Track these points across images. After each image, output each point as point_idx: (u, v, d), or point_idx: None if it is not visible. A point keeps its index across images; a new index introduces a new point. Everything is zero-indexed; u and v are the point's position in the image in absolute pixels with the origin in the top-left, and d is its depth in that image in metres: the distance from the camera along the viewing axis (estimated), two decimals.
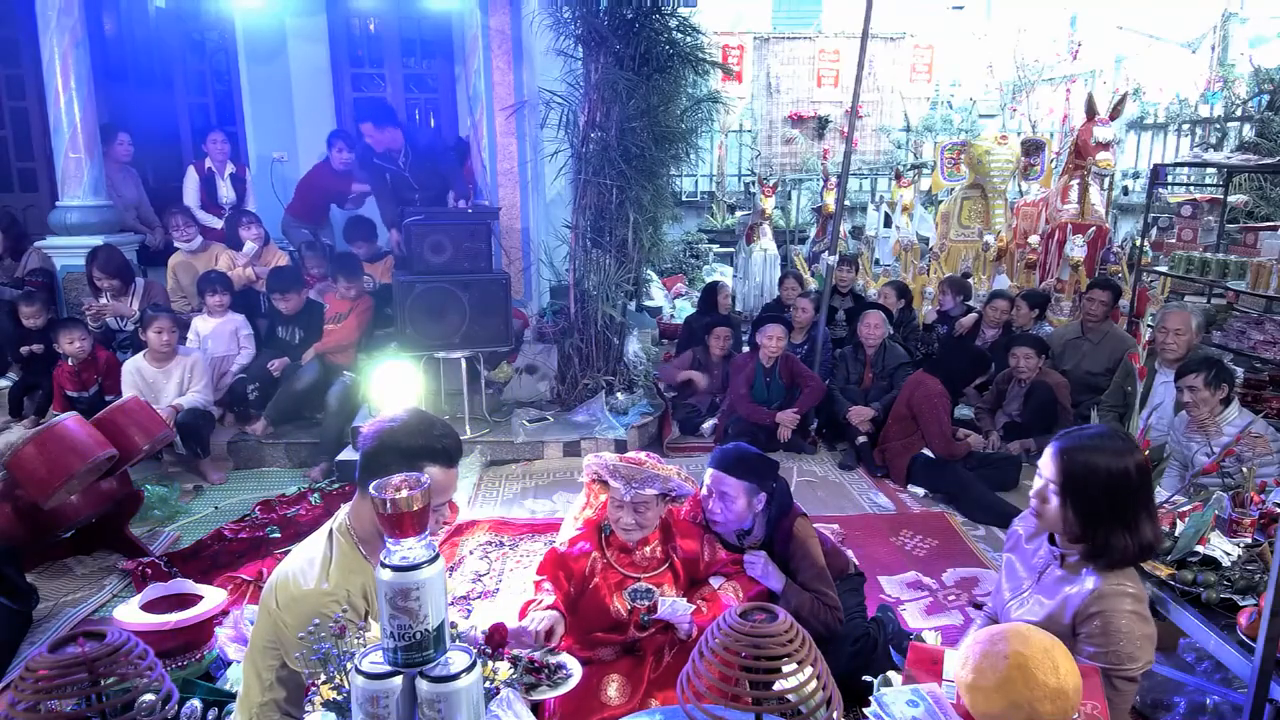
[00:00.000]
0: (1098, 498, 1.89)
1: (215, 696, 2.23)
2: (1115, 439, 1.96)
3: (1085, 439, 1.95)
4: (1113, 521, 1.89)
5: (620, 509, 2.44)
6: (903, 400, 4.84)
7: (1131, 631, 1.83)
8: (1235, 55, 10.48)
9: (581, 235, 5.41)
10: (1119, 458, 1.90)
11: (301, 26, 7.67)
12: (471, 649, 1.37)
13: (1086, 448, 1.92)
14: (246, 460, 5.06)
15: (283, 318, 5.45)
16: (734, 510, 2.57)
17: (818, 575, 2.62)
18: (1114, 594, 1.86)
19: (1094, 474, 1.90)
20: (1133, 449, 1.95)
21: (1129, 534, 1.88)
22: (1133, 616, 1.84)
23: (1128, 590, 1.88)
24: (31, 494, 3.32)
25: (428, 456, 1.82)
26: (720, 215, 12.19)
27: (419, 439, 1.83)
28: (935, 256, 8.49)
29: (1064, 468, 1.93)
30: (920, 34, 11.92)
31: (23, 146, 7.61)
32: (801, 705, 1.20)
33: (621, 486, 2.40)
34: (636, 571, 2.49)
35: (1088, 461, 1.91)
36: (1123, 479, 1.89)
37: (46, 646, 1.24)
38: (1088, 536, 1.92)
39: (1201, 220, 7.62)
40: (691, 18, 5.61)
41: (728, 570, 2.59)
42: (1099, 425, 2.00)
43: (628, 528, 2.45)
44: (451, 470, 1.92)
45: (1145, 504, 1.93)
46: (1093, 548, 1.91)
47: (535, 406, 5.58)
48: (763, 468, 2.64)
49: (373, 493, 1.29)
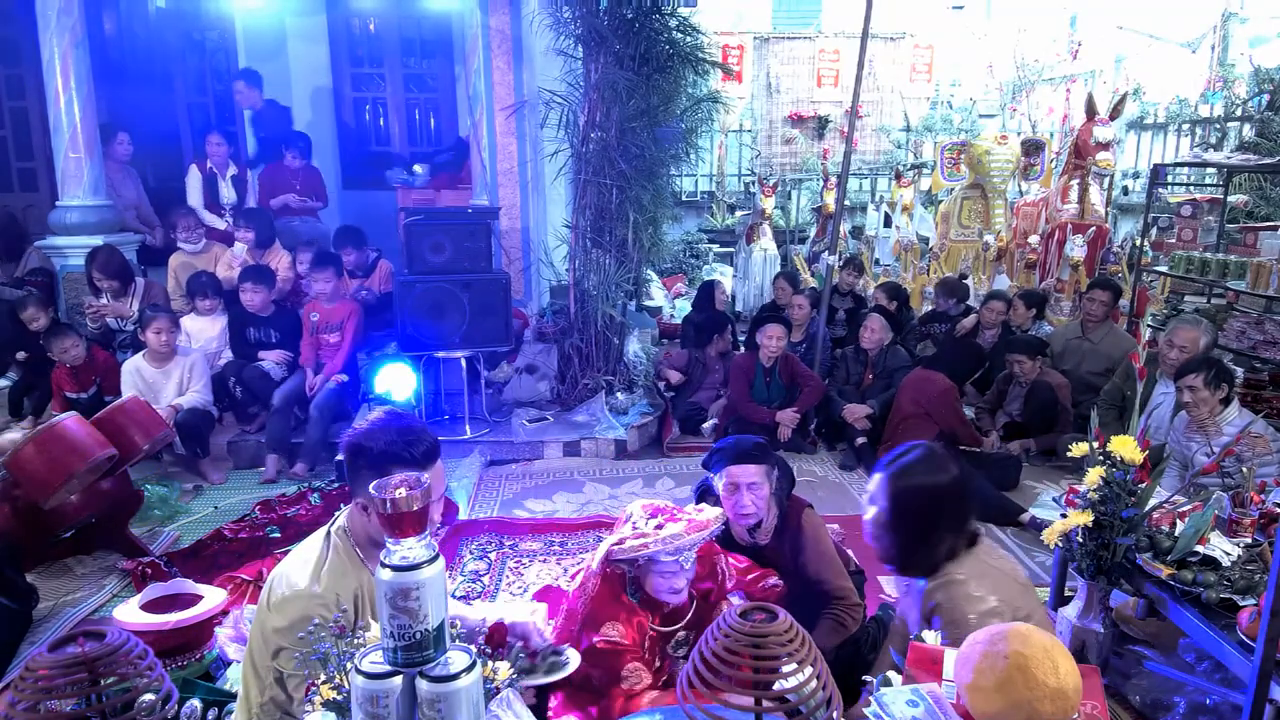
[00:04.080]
0: (897, 511, 2.03)
1: (215, 696, 2.23)
2: (919, 457, 2.06)
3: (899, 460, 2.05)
4: (902, 533, 2.02)
5: (674, 576, 2.24)
6: (907, 399, 4.84)
7: (969, 613, 1.87)
8: (1235, 55, 10.47)
9: (581, 235, 5.41)
10: (920, 474, 2.02)
11: (301, 26, 7.68)
12: (471, 649, 1.37)
13: (903, 465, 2.04)
14: (246, 460, 5.05)
15: (254, 319, 5.26)
16: (762, 496, 2.57)
17: (830, 565, 2.63)
18: (942, 584, 1.95)
19: (915, 498, 2.00)
20: (933, 465, 2.04)
21: (926, 548, 2.00)
22: (967, 599, 1.90)
23: (955, 577, 1.95)
24: (31, 494, 3.32)
25: (396, 462, 1.78)
26: (720, 215, 12.18)
27: (385, 444, 1.81)
28: (935, 256, 8.49)
29: (892, 496, 2.03)
30: (920, 34, 11.90)
31: (23, 146, 7.61)
32: (801, 705, 1.20)
33: (682, 559, 2.22)
34: (671, 626, 2.35)
35: (908, 488, 2.01)
36: (933, 496, 2.01)
37: (46, 646, 1.24)
38: (889, 558, 2.07)
39: (1201, 220, 7.62)
40: (691, 18, 5.62)
41: (750, 589, 2.50)
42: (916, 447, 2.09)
43: (680, 589, 2.28)
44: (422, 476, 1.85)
45: (929, 514, 2.01)
46: (898, 567, 2.07)
47: (535, 406, 5.58)
48: (767, 449, 2.67)
49: (372, 493, 1.29)
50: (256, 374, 5.06)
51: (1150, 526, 2.68)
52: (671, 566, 2.20)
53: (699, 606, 2.37)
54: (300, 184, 6.73)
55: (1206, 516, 2.58)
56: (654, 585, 2.25)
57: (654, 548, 2.17)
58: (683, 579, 2.24)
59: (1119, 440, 2.66)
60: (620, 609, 2.26)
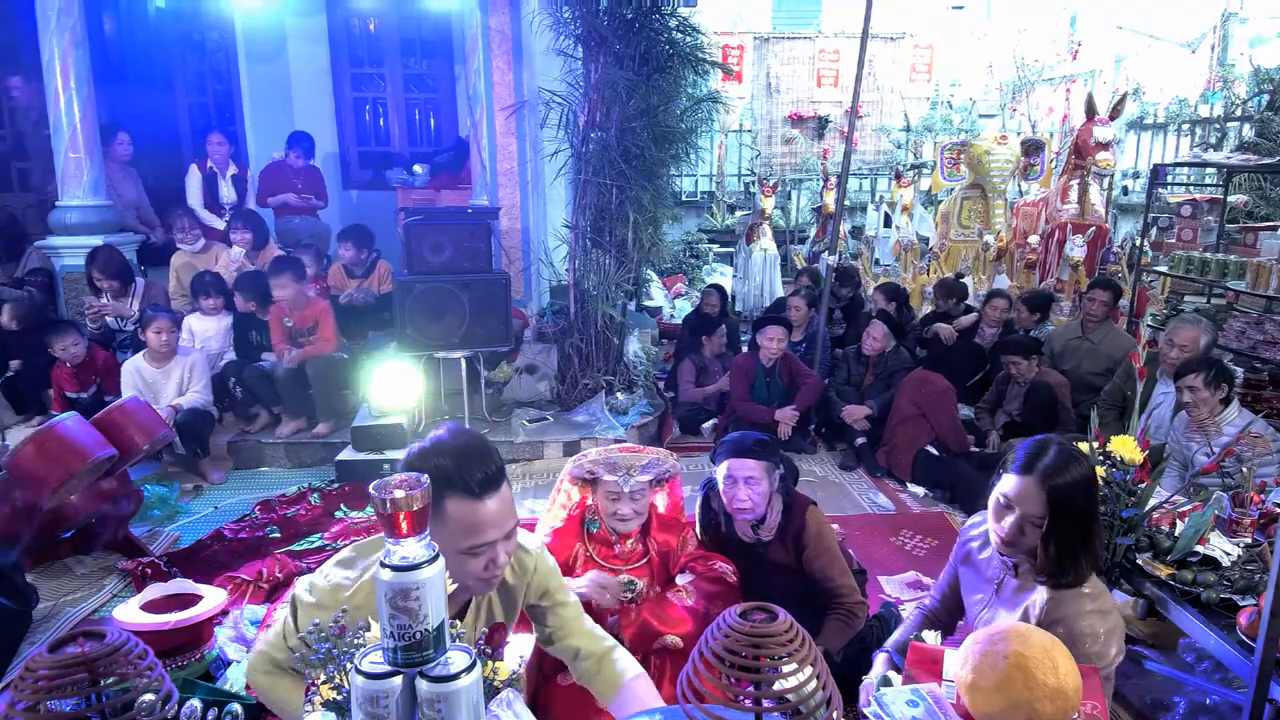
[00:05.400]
0: (1079, 520, 1.86)
1: (215, 696, 2.23)
2: (1068, 449, 1.92)
3: (1056, 462, 1.88)
4: (1079, 543, 1.86)
5: (618, 500, 2.47)
6: (906, 399, 4.86)
7: (1095, 632, 1.82)
8: (1235, 55, 10.48)
9: (581, 235, 5.41)
10: (1083, 464, 1.89)
11: (301, 26, 7.68)
12: (471, 649, 1.37)
13: (1061, 469, 1.87)
14: (246, 460, 5.06)
15: (258, 322, 5.26)
16: (760, 491, 2.58)
17: (834, 563, 2.64)
18: (1071, 598, 1.86)
19: (1074, 494, 1.86)
20: (1083, 454, 1.94)
21: (1090, 552, 1.88)
22: (1094, 616, 1.83)
23: (1083, 592, 1.87)
24: (31, 494, 3.32)
25: (450, 488, 1.56)
26: (720, 215, 12.19)
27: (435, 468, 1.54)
28: (935, 256, 8.49)
29: (1050, 499, 1.86)
30: (920, 34, 11.92)
31: (23, 146, 7.61)
32: (801, 705, 1.20)
33: (619, 478, 2.44)
34: (618, 564, 2.53)
35: (1068, 485, 1.86)
36: (1094, 486, 1.90)
37: (46, 646, 1.24)
38: (1063, 569, 1.87)
39: (1201, 220, 7.63)
40: (691, 18, 5.62)
41: (695, 567, 2.62)
42: (1049, 441, 1.94)
43: (626, 518, 2.49)
44: (479, 504, 1.59)
45: (1097, 512, 1.94)
46: (1060, 578, 1.88)
47: (535, 406, 5.58)
48: (771, 446, 2.68)
49: (372, 492, 1.28)
50: (256, 374, 5.06)
51: (1150, 526, 2.68)
52: (613, 487, 2.45)
53: (653, 561, 2.59)
54: (301, 183, 6.74)
55: (1206, 516, 2.58)
56: (602, 507, 2.52)
57: (595, 459, 2.49)
58: (626, 506, 2.46)
59: (1119, 440, 2.66)
60: (576, 527, 2.59)
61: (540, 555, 1.95)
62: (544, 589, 1.94)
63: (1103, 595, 1.89)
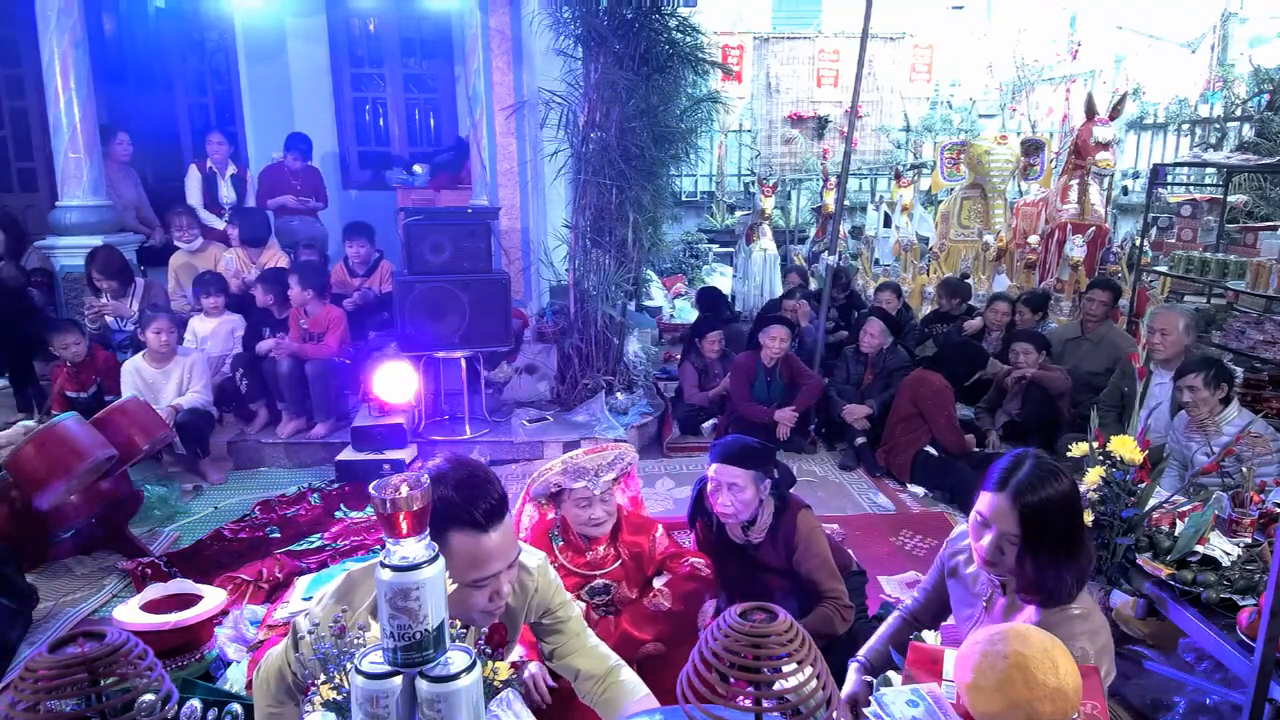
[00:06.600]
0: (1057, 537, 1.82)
1: (215, 696, 2.23)
2: (1045, 465, 1.87)
3: (1031, 479, 1.83)
4: (1058, 561, 1.82)
5: (590, 506, 2.44)
6: (906, 398, 4.85)
7: (1086, 654, 1.79)
8: (1235, 55, 10.48)
9: (581, 235, 5.41)
10: (1060, 480, 1.84)
11: (301, 26, 7.68)
12: (471, 649, 1.37)
13: (1035, 486, 1.82)
14: (246, 460, 5.06)
15: (272, 321, 5.30)
16: (743, 499, 2.57)
17: (823, 566, 2.63)
18: (1062, 620, 1.83)
19: (1050, 511, 1.81)
20: (1062, 468, 1.89)
21: (1074, 568, 1.84)
22: (1084, 638, 1.80)
23: (1073, 613, 1.84)
24: (31, 494, 3.32)
25: (454, 523, 1.53)
26: (720, 215, 12.19)
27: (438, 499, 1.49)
28: (935, 256, 8.49)
29: (1024, 517, 1.81)
30: (920, 34, 11.91)
31: (23, 146, 7.61)
32: (801, 705, 1.20)
33: (589, 482, 2.40)
34: (591, 570, 2.52)
35: (1042, 503, 1.81)
36: (1074, 502, 1.85)
37: (46, 646, 1.24)
38: (1042, 585, 1.84)
39: (1201, 220, 7.62)
40: (691, 17, 5.62)
41: (671, 567, 2.62)
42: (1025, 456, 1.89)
43: (599, 521, 2.46)
44: (484, 536, 1.55)
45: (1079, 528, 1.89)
46: (1044, 596, 1.84)
47: (535, 406, 5.58)
48: (764, 454, 2.65)
49: (372, 492, 1.28)
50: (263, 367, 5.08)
51: (1150, 526, 2.68)
52: (583, 493, 2.41)
53: (625, 563, 2.56)
54: (300, 184, 6.74)
55: (1206, 516, 2.58)
56: (573, 516, 2.46)
57: (559, 471, 2.42)
58: (599, 509, 2.43)
59: (1119, 440, 2.66)
60: (543, 540, 2.51)
61: (541, 574, 1.92)
62: (545, 607, 1.92)
63: (1093, 614, 1.87)
